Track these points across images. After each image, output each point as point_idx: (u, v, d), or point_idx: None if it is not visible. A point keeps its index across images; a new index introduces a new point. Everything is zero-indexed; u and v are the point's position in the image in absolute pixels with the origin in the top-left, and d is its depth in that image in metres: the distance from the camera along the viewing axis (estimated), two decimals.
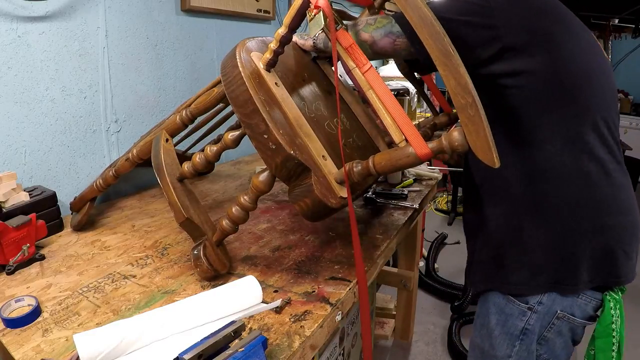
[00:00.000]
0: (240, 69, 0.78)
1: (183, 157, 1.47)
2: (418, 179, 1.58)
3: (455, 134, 0.63)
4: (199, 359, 0.57)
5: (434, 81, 3.08)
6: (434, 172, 1.64)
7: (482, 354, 1.00)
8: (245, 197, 0.84)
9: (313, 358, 0.77)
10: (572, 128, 0.83)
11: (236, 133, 0.86)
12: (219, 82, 0.99)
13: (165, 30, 1.52)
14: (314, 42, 0.92)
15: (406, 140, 0.70)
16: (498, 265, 0.93)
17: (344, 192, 0.76)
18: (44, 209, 1.07)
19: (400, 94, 2.49)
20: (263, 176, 0.82)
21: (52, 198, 1.11)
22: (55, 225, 1.11)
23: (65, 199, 1.24)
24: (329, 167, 0.80)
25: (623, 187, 0.87)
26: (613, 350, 0.89)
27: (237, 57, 0.80)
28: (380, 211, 1.29)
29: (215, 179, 1.62)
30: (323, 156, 0.81)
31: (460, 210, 3.50)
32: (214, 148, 0.88)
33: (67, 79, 1.23)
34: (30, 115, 1.16)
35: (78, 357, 0.62)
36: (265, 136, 0.76)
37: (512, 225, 0.89)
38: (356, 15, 1.01)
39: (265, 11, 1.96)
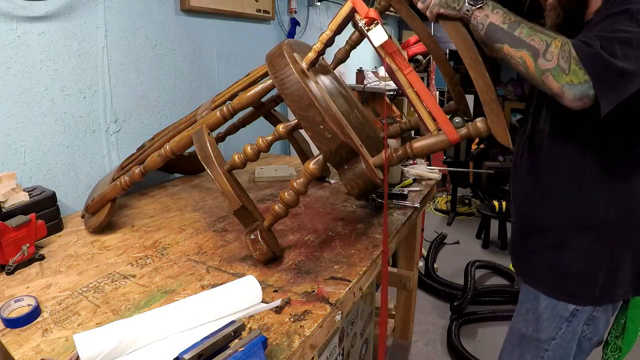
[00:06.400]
0: (292, 67, 0.86)
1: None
2: (417, 179, 1.58)
3: (479, 124, 0.82)
4: (199, 358, 0.57)
5: (434, 81, 3.09)
6: (434, 172, 1.64)
7: (523, 338, 0.99)
8: (298, 181, 0.91)
9: (313, 358, 0.77)
10: None
11: (291, 124, 0.93)
12: (257, 79, 1.11)
13: (165, 30, 1.52)
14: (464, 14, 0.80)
15: (439, 129, 0.85)
16: (562, 275, 0.92)
17: (380, 175, 0.93)
18: (43, 209, 1.07)
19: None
20: (316, 162, 0.90)
21: (52, 198, 1.10)
22: (54, 225, 1.11)
23: (64, 199, 1.24)
24: (366, 154, 0.93)
25: None
26: None
27: (287, 56, 0.88)
28: (381, 211, 1.29)
29: None
30: (360, 145, 0.92)
31: (461, 210, 3.50)
32: (268, 139, 0.94)
33: (67, 79, 1.23)
34: (30, 115, 1.16)
35: (78, 357, 0.62)
36: (321, 127, 0.85)
37: (600, 251, 0.88)
38: None
39: (265, 11, 1.96)
